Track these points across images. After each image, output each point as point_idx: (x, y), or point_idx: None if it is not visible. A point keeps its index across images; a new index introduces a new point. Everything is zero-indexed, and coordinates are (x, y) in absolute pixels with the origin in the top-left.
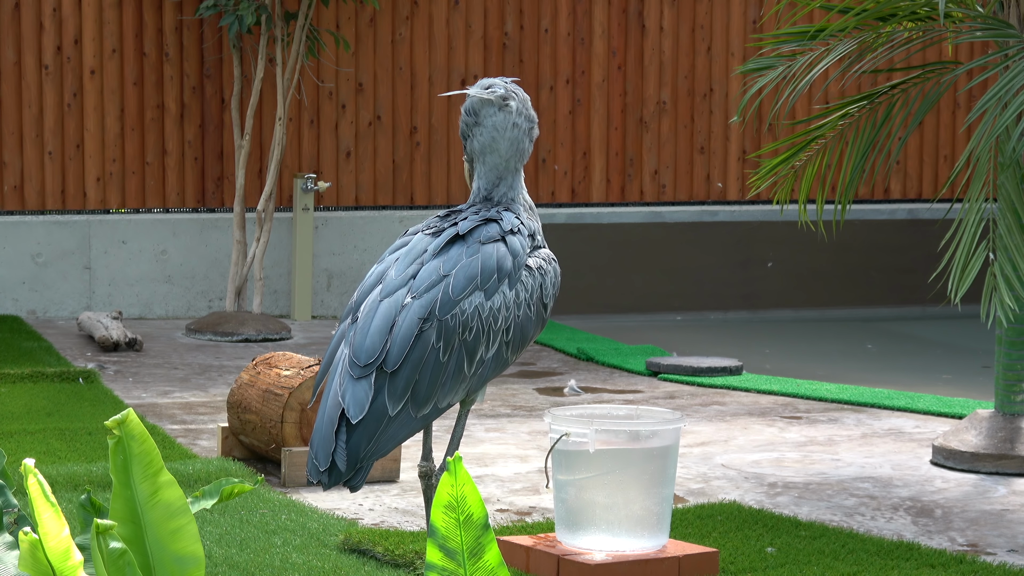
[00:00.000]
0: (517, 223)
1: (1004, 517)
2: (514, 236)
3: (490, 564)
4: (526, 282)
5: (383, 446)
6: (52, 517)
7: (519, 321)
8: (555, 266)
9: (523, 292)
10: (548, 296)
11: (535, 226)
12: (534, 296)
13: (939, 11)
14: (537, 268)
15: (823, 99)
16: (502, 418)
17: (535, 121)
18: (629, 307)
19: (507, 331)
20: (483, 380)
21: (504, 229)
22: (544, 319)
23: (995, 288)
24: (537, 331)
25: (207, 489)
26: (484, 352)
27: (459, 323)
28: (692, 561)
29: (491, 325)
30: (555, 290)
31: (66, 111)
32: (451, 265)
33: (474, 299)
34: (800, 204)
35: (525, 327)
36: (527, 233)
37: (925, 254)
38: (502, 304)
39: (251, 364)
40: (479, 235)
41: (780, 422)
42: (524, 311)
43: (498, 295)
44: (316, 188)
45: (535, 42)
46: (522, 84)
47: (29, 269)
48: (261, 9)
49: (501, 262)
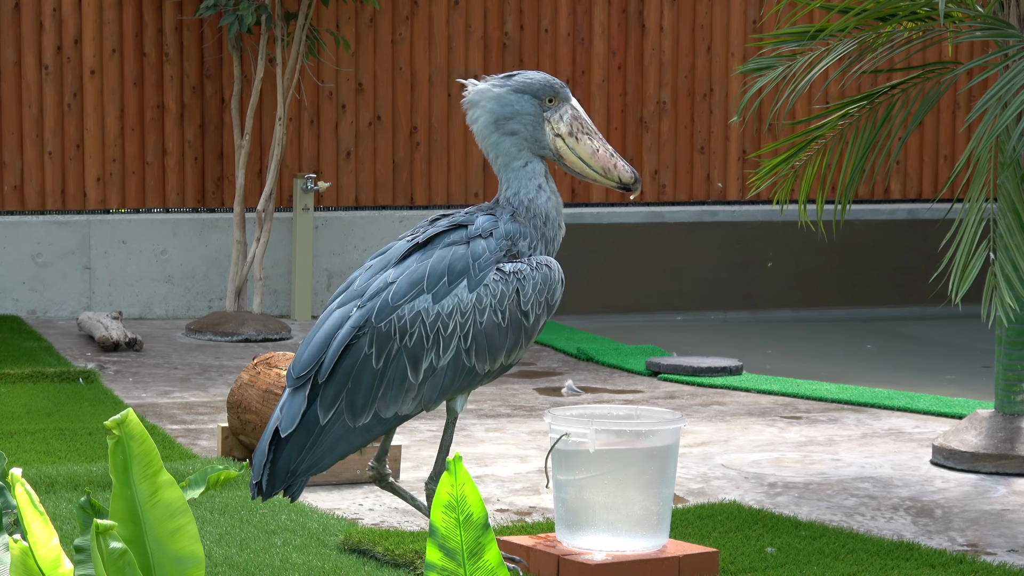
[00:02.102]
0: (490, 227)
1: (1004, 517)
2: (480, 240)
3: (490, 564)
4: (493, 286)
5: (320, 458)
6: (41, 526)
7: (481, 327)
8: (546, 272)
9: (488, 297)
10: (528, 302)
11: (525, 230)
12: (505, 302)
13: (939, 11)
14: (513, 272)
15: (823, 99)
16: (502, 418)
17: (512, 117)
18: (629, 307)
19: (464, 338)
20: (442, 390)
21: (471, 233)
22: (525, 326)
23: (995, 288)
24: (518, 339)
25: (193, 478)
26: (435, 359)
27: (395, 329)
28: (692, 561)
29: (440, 331)
30: (544, 296)
31: (66, 111)
32: (399, 273)
33: (417, 304)
34: (800, 204)
35: (492, 334)
36: (503, 236)
37: (925, 254)
38: (455, 309)
39: (251, 364)
40: (440, 241)
41: (780, 422)
42: (489, 317)
43: (449, 299)
44: (316, 188)
45: (535, 42)
46: None
47: (29, 269)
48: (261, 9)
49: (454, 265)
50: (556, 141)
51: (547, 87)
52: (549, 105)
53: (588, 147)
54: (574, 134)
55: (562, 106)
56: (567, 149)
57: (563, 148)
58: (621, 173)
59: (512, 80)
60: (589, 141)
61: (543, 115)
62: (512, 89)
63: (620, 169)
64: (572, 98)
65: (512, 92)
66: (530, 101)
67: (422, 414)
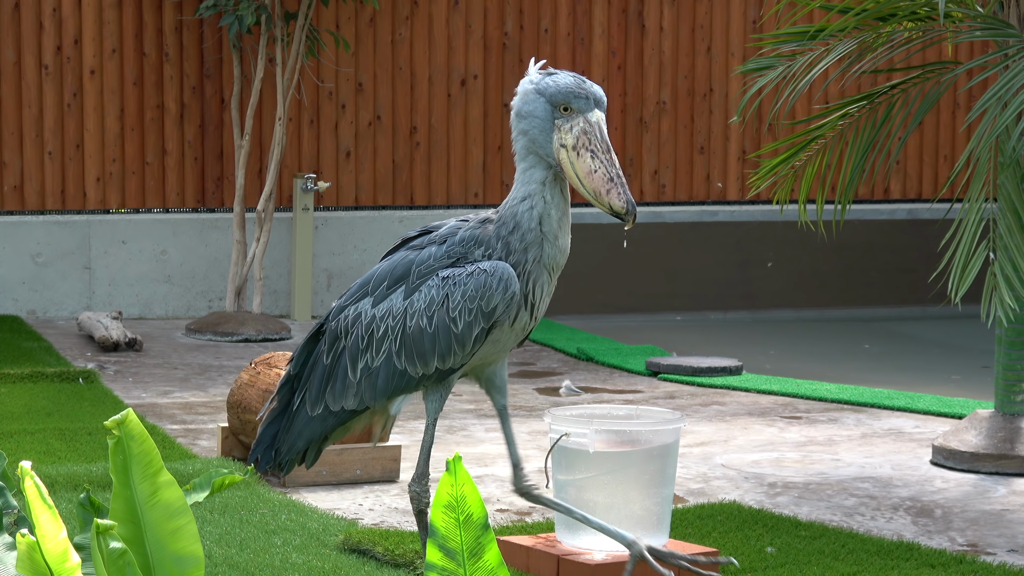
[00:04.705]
0: (448, 233)
1: (1004, 517)
2: (432, 246)
3: (490, 564)
4: (426, 292)
5: (293, 440)
6: (49, 519)
7: (409, 332)
8: (481, 278)
9: (419, 302)
10: (456, 308)
11: (484, 237)
12: (435, 306)
13: (939, 11)
14: (446, 278)
15: (823, 99)
16: None
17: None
18: (629, 307)
19: (394, 340)
20: (379, 390)
21: (429, 240)
22: (455, 332)
23: (995, 288)
24: (449, 345)
25: (197, 481)
26: (369, 360)
27: (341, 328)
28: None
29: (373, 332)
30: (477, 303)
31: (66, 111)
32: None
33: (360, 306)
34: (800, 204)
35: (418, 339)
36: (458, 243)
37: (925, 254)
38: (387, 312)
39: (251, 364)
40: (404, 246)
41: (780, 422)
42: (416, 322)
43: (386, 302)
44: (316, 188)
45: (535, 42)
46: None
47: (29, 269)
48: (261, 9)
49: (396, 270)
50: (560, 152)
51: (563, 95)
52: (563, 113)
53: (586, 166)
54: (577, 148)
55: (576, 117)
56: (567, 163)
57: (564, 160)
58: (612, 200)
59: (542, 80)
60: (590, 160)
61: (554, 122)
62: (535, 89)
63: (612, 196)
64: (596, 112)
65: (534, 91)
66: (544, 105)
67: (422, 415)
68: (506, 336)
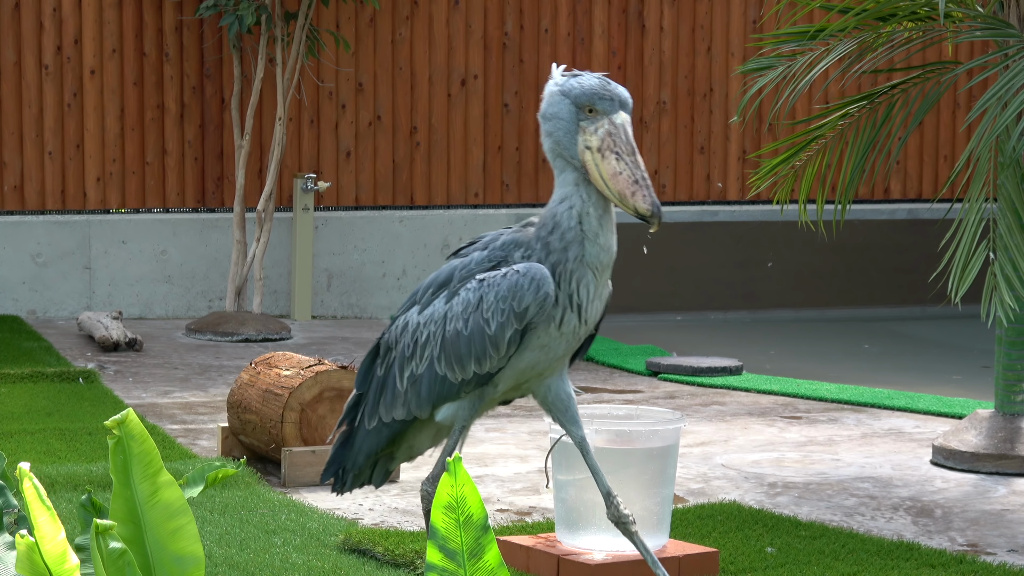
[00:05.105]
0: (492, 238)
1: (1004, 517)
2: (476, 251)
3: (490, 564)
4: (464, 295)
5: (355, 456)
6: (48, 520)
7: (447, 336)
8: (515, 279)
9: (458, 305)
10: (489, 310)
11: (524, 240)
12: (470, 309)
13: (939, 11)
14: (482, 280)
15: (823, 99)
16: (502, 418)
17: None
18: (629, 307)
19: (435, 346)
20: (423, 398)
21: (476, 246)
22: (488, 334)
23: (995, 288)
24: (484, 347)
25: (191, 475)
26: (415, 367)
27: (393, 339)
28: (692, 561)
29: (418, 340)
30: (509, 304)
31: (66, 111)
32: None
33: (409, 315)
34: (800, 204)
35: (455, 342)
36: (499, 247)
37: (925, 254)
38: (429, 318)
39: (251, 364)
40: (459, 252)
41: (780, 422)
42: (453, 325)
43: (429, 309)
44: (316, 188)
45: (535, 42)
46: (522, 84)
47: (29, 269)
48: (261, 9)
49: (439, 277)
50: (585, 154)
51: (587, 96)
52: (588, 115)
53: (611, 167)
54: (602, 150)
55: (600, 119)
56: (592, 165)
57: (589, 162)
58: (638, 202)
59: (567, 82)
60: (615, 162)
61: (579, 124)
62: (560, 90)
63: (637, 198)
64: (621, 114)
65: (559, 93)
66: (568, 107)
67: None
68: (555, 341)
